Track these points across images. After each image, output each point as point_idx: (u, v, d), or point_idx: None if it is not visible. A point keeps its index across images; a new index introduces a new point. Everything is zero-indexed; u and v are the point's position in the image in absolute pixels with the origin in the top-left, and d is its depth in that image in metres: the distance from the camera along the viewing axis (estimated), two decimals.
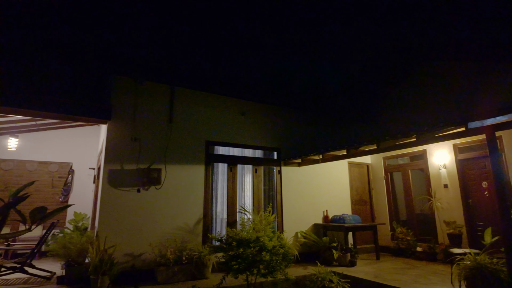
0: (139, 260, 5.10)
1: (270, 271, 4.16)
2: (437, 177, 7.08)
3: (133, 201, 5.28)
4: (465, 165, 6.68)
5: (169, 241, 5.35)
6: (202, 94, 6.48)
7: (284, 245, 4.50)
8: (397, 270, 5.73)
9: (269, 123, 7.32)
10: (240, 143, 6.75)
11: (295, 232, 6.98)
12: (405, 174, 8.01)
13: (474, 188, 6.48)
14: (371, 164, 8.79)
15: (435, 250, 6.50)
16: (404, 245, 7.16)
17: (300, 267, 6.03)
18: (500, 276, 3.62)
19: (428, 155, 7.36)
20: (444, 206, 6.83)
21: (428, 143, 4.79)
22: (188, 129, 6.12)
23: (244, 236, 4.30)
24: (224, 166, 6.51)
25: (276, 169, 7.23)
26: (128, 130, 5.51)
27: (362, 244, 7.79)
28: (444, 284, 4.62)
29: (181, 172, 5.82)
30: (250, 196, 6.75)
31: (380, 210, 8.37)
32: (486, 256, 3.91)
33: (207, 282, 4.87)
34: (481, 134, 3.95)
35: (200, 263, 5.06)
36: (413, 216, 7.69)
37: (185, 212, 5.69)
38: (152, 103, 5.87)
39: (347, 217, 6.92)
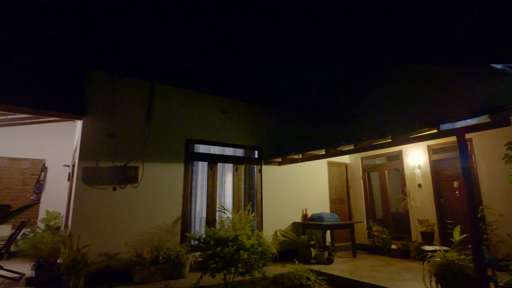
0: (114, 260, 4.98)
1: (248, 269, 4.18)
2: (412, 177, 7.33)
3: (108, 200, 5.14)
4: (438, 165, 6.95)
5: (146, 240, 5.25)
6: (183, 91, 6.39)
7: (262, 244, 4.53)
8: (373, 267, 5.88)
9: (250, 122, 7.32)
10: (221, 141, 6.72)
11: (275, 231, 7.03)
12: (381, 174, 8.24)
13: (446, 188, 6.75)
14: (349, 164, 8.97)
15: (409, 247, 6.73)
16: (379, 243, 7.37)
17: (278, 265, 6.07)
18: (467, 272, 3.79)
19: (403, 156, 7.60)
20: (418, 205, 7.08)
21: (403, 144, 4.94)
22: (167, 127, 6.02)
23: (222, 235, 4.29)
24: (204, 164, 6.46)
25: (256, 168, 7.25)
26: (105, 127, 5.36)
27: (340, 242, 7.94)
28: (416, 280, 4.79)
29: (160, 170, 5.73)
30: (230, 195, 6.73)
31: (357, 208, 8.56)
32: (454, 253, 4.08)
33: (185, 282, 4.82)
34: (452, 136, 4.10)
35: (177, 262, 5.00)
36: (389, 215, 7.93)
37: (163, 211, 5.60)
38: (130, 99, 5.74)
39: (326, 215, 7.04)
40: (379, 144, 5.17)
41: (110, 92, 5.55)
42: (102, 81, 5.54)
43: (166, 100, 6.12)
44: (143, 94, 5.89)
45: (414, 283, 4.65)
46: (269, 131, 7.59)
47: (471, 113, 3.85)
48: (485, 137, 5.98)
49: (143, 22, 5.14)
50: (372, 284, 4.70)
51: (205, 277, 4.18)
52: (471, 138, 6.22)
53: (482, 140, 6.08)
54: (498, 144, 5.68)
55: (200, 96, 6.61)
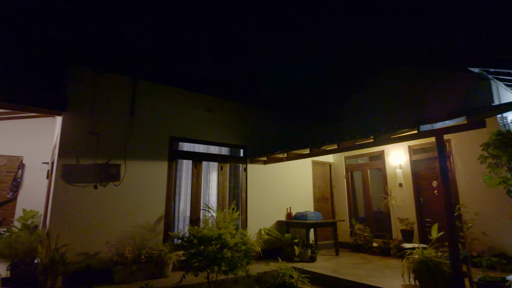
0: (95, 259, 4.87)
1: (231, 268, 4.17)
2: (393, 176, 7.50)
3: (89, 198, 5.02)
4: (418, 165, 7.14)
5: (128, 239, 5.16)
6: (168, 89, 6.31)
7: (246, 242, 4.54)
8: (354, 265, 6.00)
9: (236, 121, 7.30)
10: (206, 139, 6.67)
11: (259, 229, 7.05)
12: (364, 173, 8.40)
13: (426, 187, 6.95)
14: (333, 163, 9.10)
15: (389, 245, 6.89)
16: (361, 241, 7.51)
17: (262, 264, 6.10)
18: (443, 268, 3.92)
19: (385, 156, 7.78)
20: (398, 204, 7.26)
21: (384, 144, 5.05)
22: (151, 124, 5.92)
23: (206, 234, 4.27)
24: (189, 162, 6.40)
25: (242, 167, 7.24)
26: (86, 123, 5.22)
27: (323, 240, 8.06)
28: (395, 277, 4.91)
29: (143, 168, 5.63)
30: (214, 194, 6.70)
31: (340, 207, 8.70)
32: (432, 250, 4.22)
33: (167, 281, 4.76)
34: (432, 136, 4.23)
35: (160, 261, 4.94)
36: (371, 213, 8.10)
37: (146, 209, 5.52)
38: (113, 96, 5.61)
39: (309, 214, 7.12)
40: (362, 144, 5.27)
41: (92, 88, 5.41)
42: (84, 76, 5.39)
43: (150, 97, 6.03)
44: (126, 91, 5.78)
45: (394, 280, 4.77)
46: (254, 130, 7.60)
47: (449, 115, 3.98)
48: (462, 138, 6.19)
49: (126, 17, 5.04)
50: (353, 281, 4.79)
51: (188, 276, 4.15)
52: (450, 139, 6.42)
53: (460, 141, 6.29)
54: (475, 145, 5.88)
55: (185, 94, 6.54)
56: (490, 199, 5.66)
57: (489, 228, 5.67)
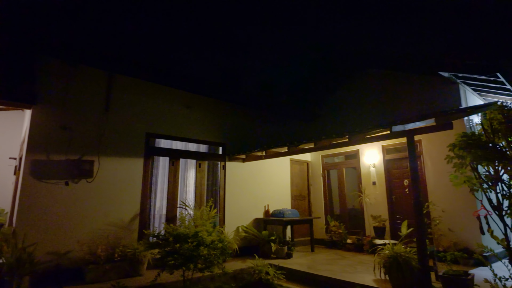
0: (65, 258, 4.71)
1: (208, 265, 4.17)
2: (367, 175, 7.75)
3: (60, 195, 4.84)
4: (391, 164, 7.41)
5: (101, 238, 5.03)
6: (145, 84, 6.17)
7: (223, 240, 4.54)
8: (329, 261, 6.15)
9: (215, 118, 7.26)
10: (184, 136, 6.59)
11: (237, 227, 7.07)
12: (340, 172, 8.61)
13: (398, 186, 7.23)
14: (310, 162, 9.26)
15: (363, 241, 7.12)
16: (336, 238, 7.71)
17: (239, 261, 6.13)
18: (411, 263, 4.10)
19: (360, 155, 8.01)
20: (372, 202, 7.51)
21: (359, 143, 5.21)
22: (126, 119, 5.78)
23: (182, 231, 4.23)
24: (166, 160, 6.30)
25: (220, 164, 7.22)
26: (57, 117, 5.02)
27: (300, 237, 8.20)
28: (367, 272, 5.09)
29: (117, 164, 5.49)
30: (192, 191, 6.64)
31: (317, 205, 8.88)
32: (401, 246, 4.40)
33: (141, 279, 4.69)
34: (403, 137, 4.41)
35: (134, 260, 4.85)
36: (346, 211, 8.33)
37: (120, 207, 5.39)
38: (87, 90, 5.42)
39: (287, 211, 7.21)
40: (337, 143, 5.41)
41: (64, 81, 5.20)
42: (56, 69, 5.17)
43: (126, 92, 5.87)
44: (101, 85, 5.60)
45: (366, 275, 4.94)
46: (234, 128, 7.60)
47: (420, 117, 4.16)
48: (432, 139, 6.48)
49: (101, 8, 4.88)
50: (327, 276, 4.92)
51: (163, 274, 4.11)
52: (421, 140, 6.71)
53: (430, 142, 6.58)
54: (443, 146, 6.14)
55: (163, 89, 6.42)
56: (456, 197, 5.97)
57: (454, 225, 5.99)
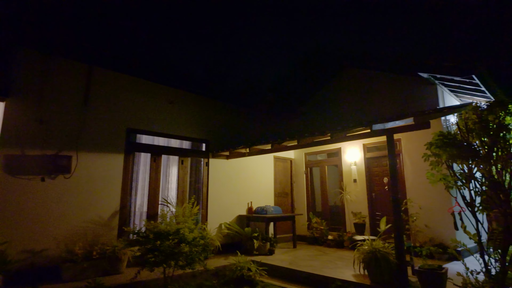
0: (41, 256, 4.55)
1: (189, 262, 4.14)
2: (349, 172, 7.90)
3: (35, 191, 4.66)
4: (371, 162, 7.58)
5: (79, 235, 4.90)
6: (126, 78, 6.02)
7: (205, 237, 4.52)
8: (310, 257, 6.24)
9: (199, 114, 7.19)
10: (166, 132, 6.49)
11: (219, 224, 7.05)
12: (322, 169, 8.74)
13: (377, 183, 7.41)
14: (294, 159, 9.34)
15: (343, 238, 7.26)
16: (318, 234, 7.83)
17: (221, 258, 6.12)
18: (389, 258, 4.22)
19: (342, 153, 8.15)
20: (352, 199, 7.66)
21: (340, 141, 5.29)
22: (107, 114, 5.63)
23: (163, 229, 4.18)
24: (147, 156, 6.18)
25: (204, 161, 7.17)
26: (33, 110, 4.83)
27: (282, 234, 8.27)
28: (347, 268, 5.20)
29: (96, 160, 5.35)
30: (174, 188, 6.56)
31: (299, 202, 8.97)
32: (380, 242, 4.52)
33: (121, 277, 4.61)
34: (383, 135, 4.51)
35: (113, 257, 4.75)
36: (327, 208, 8.47)
37: (99, 204, 5.26)
38: (65, 82, 5.23)
39: (270, 208, 7.26)
40: (320, 140, 5.47)
41: (41, 73, 5.00)
42: (32, 60, 4.96)
43: (106, 85, 5.71)
44: (80, 78, 5.42)
45: (345, 270, 5.04)
46: (217, 125, 7.55)
47: (399, 116, 4.27)
48: (411, 138, 6.67)
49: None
50: (308, 272, 4.99)
51: (144, 272, 4.05)
52: (400, 139, 6.89)
53: (409, 141, 6.77)
54: (421, 145, 6.35)
55: (145, 84, 6.30)
56: (432, 194, 6.18)
57: (431, 221, 6.20)
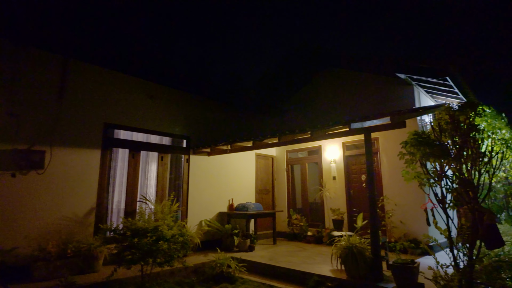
0: (11, 255, 4.36)
1: (167, 260, 4.10)
2: (328, 170, 8.04)
3: (5, 188, 4.45)
4: (350, 160, 7.76)
5: (53, 233, 4.74)
6: (104, 71, 5.85)
7: (184, 234, 4.49)
8: (290, 253, 6.32)
9: (180, 110, 7.09)
10: (146, 128, 6.36)
11: (200, 221, 7.01)
12: (303, 167, 8.86)
13: (356, 181, 7.59)
14: (275, 157, 9.41)
15: (322, 234, 7.41)
16: (298, 230, 7.94)
17: (201, 255, 6.09)
18: (365, 253, 4.34)
19: (322, 151, 8.28)
20: (332, 196, 7.82)
21: (320, 139, 5.38)
22: (83, 108, 5.45)
23: (140, 226, 4.11)
24: (126, 152, 6.04)
25: (184, 158, 7.09)
26: (3, 103, 4.60)
27: (263, 230, 8.33)
28: (325, 263, 5.31)
29: (72, 155, 5.17)
30: (153, 185, 6.46)
31: (280, 198, 9.06)
32: (357, 237, 4.64)
33: (96, 276, 4.50)
34: (361, 134, 4.62)
35: (89, 255, 4.63)
36: (307, 204, 8.60)
37: (74, 200, 5.10)
38: (39, 75, 5.02)
39: (251, 205, 7.28)
40: (300, 138, 5.54)
41: (13, 64, 4.77)
42: (2, 51, 4.72)
43: (83, 78, 5.53)
44: (55, 70, 5.21)
45: (323, 265, 5.15)
46: (199, 121, 7.48)
47: (376, 115, 4.39)
48: (388, 137, 6.87)
49: None
50: (287, 268, 5.06)
51: (120, 270, 3.98)
52: (378, 138, 7.08)
53: (386, 139, 6.97)
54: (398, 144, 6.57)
55: (125, 78, 6.14)
56: (407, 191, 6.40)
57: (405, 217, 6.42)
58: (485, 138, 3.71)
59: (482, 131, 3.69)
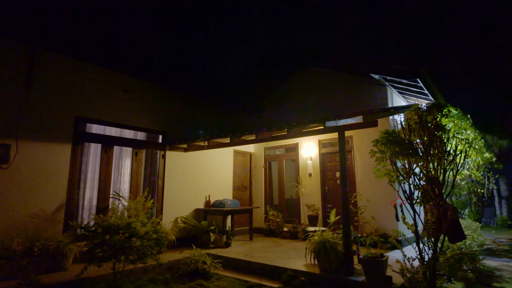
0: None
1: (140, 257, 4.03)
2: (305, 167, 8.18)
3: None
4: (325, 158, 7.93)
5: (18, 230, 4.52)
6: (76, 63, 5.62)
7: (158, 230, 4.43)
8: (265, 248, 6.39)
9: (156, 105, 6.94)
10: (119, 122, 6.18)
11: (175, 217, 6.93)
12: (280, 164, 8.95)
13: (331, 177, 7.77)
14: (253, 153, 9.45)
15: (298, 229, 7.54)
16: (274, 226, 8.04)
17: (176, 252, 6.04)
18: (337, 248, 4.47)
19: (299, 148, 8.41)
20: (307, 192, 7.97)
21: (296, 136, 5.46)
22: (53, 101, 5.21)
23: (112, 222, 4.02)
24: (98, 146, 5.85)
25: (160, 153, 6.96)
26: None
27: (240, 227, 8.36)
28: (299, 258, 5.41)
29: (40, 150, 4.95)
30: (127, 181, 6.30)
31: (257, 195, 9.12)
32: (330, 232, 4.76)
33: (65, 274, 4.35)
34: (335, 132, 4.73)
35: (57, 253, 4.47)
36: (284, 201, 8.72)
37: (42, 197, 4.89)
38: (3, 64, 4.75)
39: (228, 201, 7.28)
40: (277, 135, 5.59)
41: None
42: None
43: (53, 70, 5.29)
44: (21, 60, 4.95)
45: (297, 260, 5.25)
46: (176, 116, 7.36)
47: (350, 114, 4.51)
48: (362, 135, 7.08)
49: None
50: (262, 263, 5.12)
51: (91, 268, 3.87)
52: (352, 136, 7.27)
53: (360, 138, 7.18)
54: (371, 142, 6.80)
55: (98, 70, 5.94)
56: (378, 188, 6.63)
57: (377, 213, 6.66)
58: (451, 138, 3.91)
59: (448, 131, 3.88)
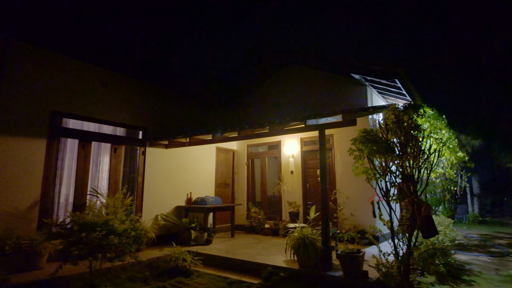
0: None
1: (118, 255, 3.97)
2: (287, 164, 8.26)
3: None
4: (307, 155, 8.04)
5: None
6: (53, 55, 5.42)
7: (137, 228, 4.37)
8: (246, 245, 6.43)
9: (136, 100, 6.80)
10: (98, 117, 6.02)
11: (156, 215, 6.84)
12: (263, 161, 9.00)
13: (312, 175, 7.89)
14: (236, 151, 9.44)
15: (279, 226, 7.62)
16: (256, 223, 8.09)
17: (156, 249, 5.97)
18: (316, 244, 4.56)
19: (281, 146, 8.48)
20: (289, 189, 8.06)
21: (278, 134, 5.51)
22: (27, 94, 5.01)
23: (89, 220, 3.93)
24: (75, 142, 5.68)
25: (140, 150, 6.83)
26: None
27: (222, 224, 8.36)
28: (279, 254, 5.48)
29: (12, 145, 4.75)
30: (106, 178, 6.16)
31: (240, 192, 9.14)
32: (309, 229, 4.85)
33: (39, 273, 4.22)
34: (316, 130, 4.81)
35: (31, 252, 4.32)
36: (266, 198, 8.78)
37: (15, 193, 4.70)
38: None
39: (209, 199, 7.25)
40: (259, 133, 5.62)
41: None
42: None
43: (27, 61, 5.08)
44: None
45: (278, 256, 5.32)
46: (156, 112, 7.24)
47: (330, 113, 4.60)
48: (342, 134, 7.21)
49: None
50: (242, 260, 5.15)
51: (66, 266, 3.78)
52: (333, 134, 7.40)
53: (340, 136, 7.32)
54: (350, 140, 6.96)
55: (75, 63, 5.75)
56: (357, 186, 6.79)
57: (355, 210, 6.83)
58: (426, 137, 4.06)
59: (423, 130, 4.03)
